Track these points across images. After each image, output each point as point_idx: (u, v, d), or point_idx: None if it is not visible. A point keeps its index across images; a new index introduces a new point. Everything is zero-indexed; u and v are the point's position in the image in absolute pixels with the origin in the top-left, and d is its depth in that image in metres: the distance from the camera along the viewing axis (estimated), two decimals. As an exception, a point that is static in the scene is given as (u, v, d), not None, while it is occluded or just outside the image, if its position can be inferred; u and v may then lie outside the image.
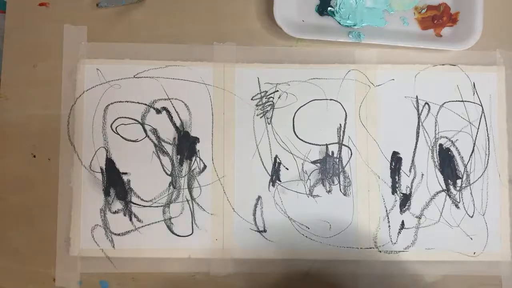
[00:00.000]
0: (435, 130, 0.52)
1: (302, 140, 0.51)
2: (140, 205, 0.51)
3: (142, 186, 0.51)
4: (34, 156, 0.51)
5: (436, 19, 0.51)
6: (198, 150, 0.51)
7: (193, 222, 0.50)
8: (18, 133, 0.51)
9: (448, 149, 0.51)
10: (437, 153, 0.51)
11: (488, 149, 0.51)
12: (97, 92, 0.52)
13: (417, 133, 0.52)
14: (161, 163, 0.51)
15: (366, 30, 0.51)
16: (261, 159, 0.51)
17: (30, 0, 0.52)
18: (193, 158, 0.51)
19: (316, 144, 0.51)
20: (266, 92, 0.52)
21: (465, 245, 0.50)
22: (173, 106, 0.52)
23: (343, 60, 0.52)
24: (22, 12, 0.52)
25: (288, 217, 0.51)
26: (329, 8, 0.52)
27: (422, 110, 0.52)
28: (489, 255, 0.50)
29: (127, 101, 0.52)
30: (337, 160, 0.51)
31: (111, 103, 0.52)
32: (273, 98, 0.52)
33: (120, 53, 0.52)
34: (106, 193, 0.51)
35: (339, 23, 0.52)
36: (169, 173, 0.51)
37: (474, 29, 0.50)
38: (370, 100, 0.52)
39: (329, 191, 0.51)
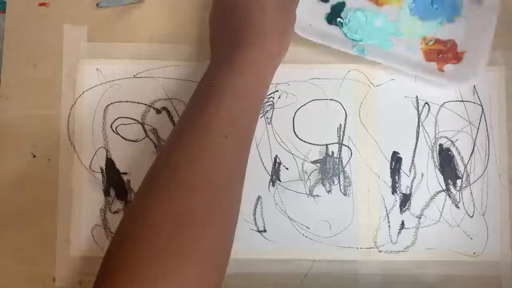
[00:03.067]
0: (435, 130, 0.52)
1: (302, 140, 0.51)
2: (140, 205, 0.50)
3: (142, 186, 0.51)
4: (34, 156, 0.51)
5: (441, 54, 0.51)
6: (198, 150, 0.51)
7: (193, 222, 0.50)
8: (18, 133, 0.51)
9: (448, 149, 0.51)
10: (437, 153, 0.51)
11: (488, 149, 0.51)
12: (97, 92, 0.52)
13: (417, 133, 0.52)
14: (161, 163, 0.51)
15: (370, 47, 0.51)
16: (261, 159, 0.51)
17: (30, 0, 0.52)
18: (193, 158, 0.51)
19: (316, 144, 0.51)
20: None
21: (465, 245, 0.50)
22: (173, 106, 0.52)
23: (343, 60, 0.52)
24: (22, 12, 0.52)
25: (288, 217, 0.51)
26: (338, 19, 0.51)
27: (422, 110, 0.52)
28: (489, 255, 0.50)
29: (127, 101, 0.52)
30: (337, 160, 0.51)
31: (111, 103, 0.52)
32: (273, 98, 0.52)
33: (120, 53, 0.52)
34: (106, 193, 0.51)
35: (346, 35, 0.51)
36: (169, 173, 0.51)
37: (475, 72, 0.49)
38: (370, 100, 0.52)
39: (329, 191, 0.51)
